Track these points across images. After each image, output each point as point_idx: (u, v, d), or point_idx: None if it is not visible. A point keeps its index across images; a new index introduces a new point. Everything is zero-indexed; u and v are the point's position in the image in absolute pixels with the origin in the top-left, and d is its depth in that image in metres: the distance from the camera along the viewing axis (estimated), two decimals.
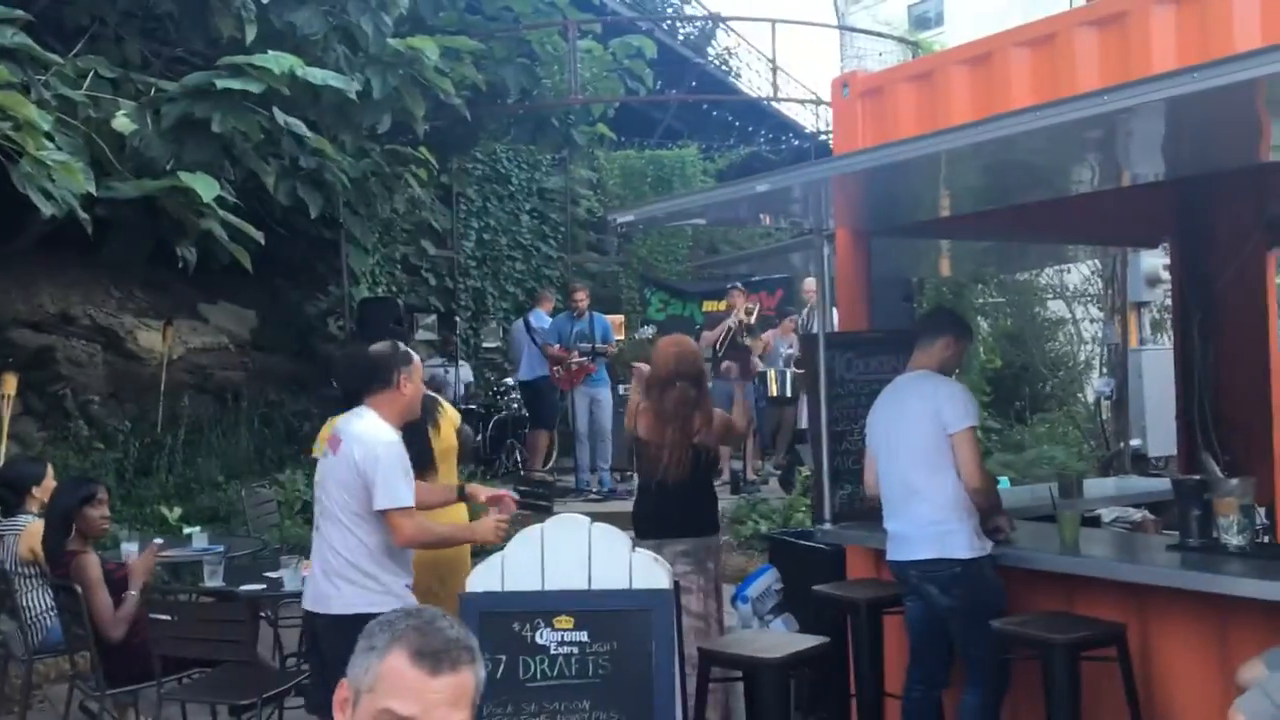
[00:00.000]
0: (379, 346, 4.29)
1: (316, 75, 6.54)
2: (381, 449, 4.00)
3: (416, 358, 4.29)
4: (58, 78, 6.18)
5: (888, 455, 4.52)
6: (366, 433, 4.04)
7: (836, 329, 5.81)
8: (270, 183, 6.97)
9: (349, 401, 4.22)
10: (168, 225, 6.34)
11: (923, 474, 4.34)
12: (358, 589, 4.00)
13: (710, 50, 19.12)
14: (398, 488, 3.99)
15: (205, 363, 11.35)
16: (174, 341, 10.43)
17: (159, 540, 5.52)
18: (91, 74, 6.47)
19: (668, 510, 5.14)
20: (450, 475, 4.93)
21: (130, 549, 5.63)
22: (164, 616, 4.86)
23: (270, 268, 9.98)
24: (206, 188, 5.88)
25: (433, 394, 4.91)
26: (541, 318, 11.00)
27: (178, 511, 8.18)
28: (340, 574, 4.02)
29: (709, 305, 12.92)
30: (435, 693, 1.72)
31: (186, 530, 6.90)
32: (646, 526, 5.16)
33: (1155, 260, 8.05)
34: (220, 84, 6.17)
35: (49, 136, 5.36)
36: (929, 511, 4.32)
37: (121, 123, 6.21)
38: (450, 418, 5.04)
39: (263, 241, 6.53)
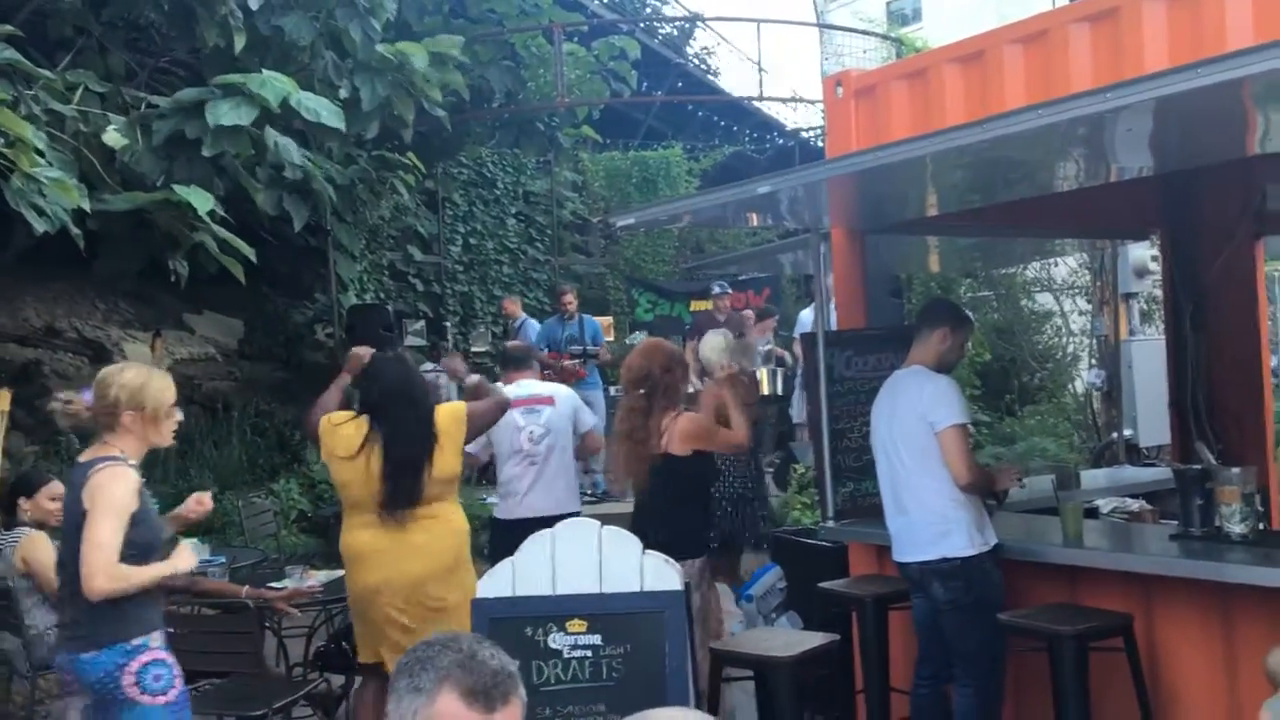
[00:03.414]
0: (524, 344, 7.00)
1: (309, 105, 6.51)
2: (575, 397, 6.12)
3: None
4: (46, 91, 6.14)
5: (884, 454, 4.54)
6: (560, 389, 6.13)
7: (834, 327, 5.84)
8: (259, 198, 6.94)
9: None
10: (160, 238, 6.30)
11: (916, 474, 4.36)
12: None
13: (689, 49, 19.15)
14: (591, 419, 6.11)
15: (193, 373, 11.30)
16: (162, 353, 10.38)
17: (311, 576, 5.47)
18: (81, 88, 6.43)
19: (641, 529, 4.54)
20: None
21: None
22: (170, 629, 4.84)
23: (256, 276, 9.92)
24: (201, 201, 5.85)
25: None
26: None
27: None
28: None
29: (696, 305, 12.92)
30: None
31: (184, 542, 6.86)
32: None
33: (1143, 252, 8.11)
34: (213, 118, 6.13)
35: (40, 153, 5.32)
36: (925, 511, 4.34)
37: (112, 137, 6.17)
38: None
39: (254, 258, 6.50)
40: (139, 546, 3.48)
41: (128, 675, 3.43)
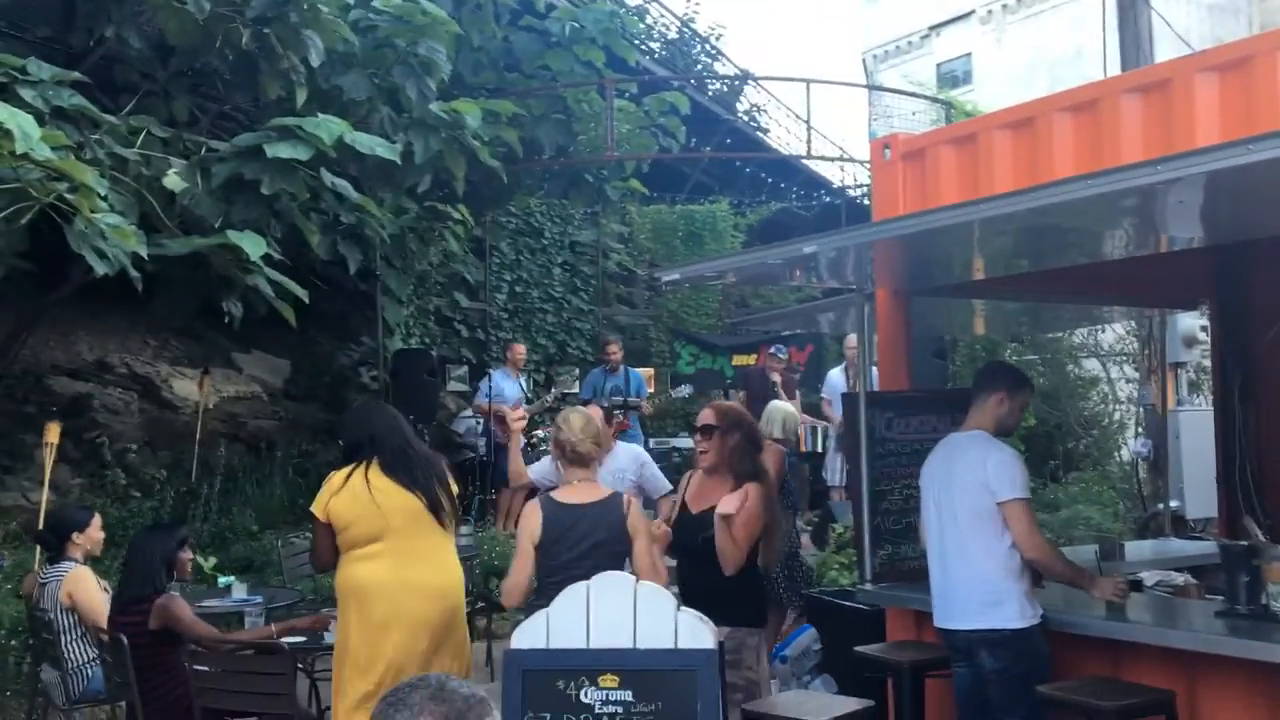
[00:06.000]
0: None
1: (364, 141, 6.65)
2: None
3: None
4: (111, 135, 6.30)
5: (937, 519, 4.47)
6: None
7: (876, 387, 5.82)
8: (314, 241, 7.07)
9: None
10: (215, 280, 6.43)
11: (972, 542, 4.28)
12: None
13: (739, 106, 19.30)
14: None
15: (238, 411, 11.44)
16: (209, 390, 10.52)
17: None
18: (144, 132, 6.60)
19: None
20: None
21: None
22: (205, 667, 4.88)
23: (305, 318, 10.09)
24: (254, 246, 5.97)
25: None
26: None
27: (212, 561, 8.21)
28: None
29: (739, 359, 12.95)
30: None
31: (222, 580, 6.93)
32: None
33: (1192, 321, 8.03)
34: (270, 151, 6.27)
35: (103, 198, 5.46)
36: (978, 579, 4.27)
37: (172, 180, 6.32)
38: None
39: (307, 300, 6.60)
40: None
41: None
